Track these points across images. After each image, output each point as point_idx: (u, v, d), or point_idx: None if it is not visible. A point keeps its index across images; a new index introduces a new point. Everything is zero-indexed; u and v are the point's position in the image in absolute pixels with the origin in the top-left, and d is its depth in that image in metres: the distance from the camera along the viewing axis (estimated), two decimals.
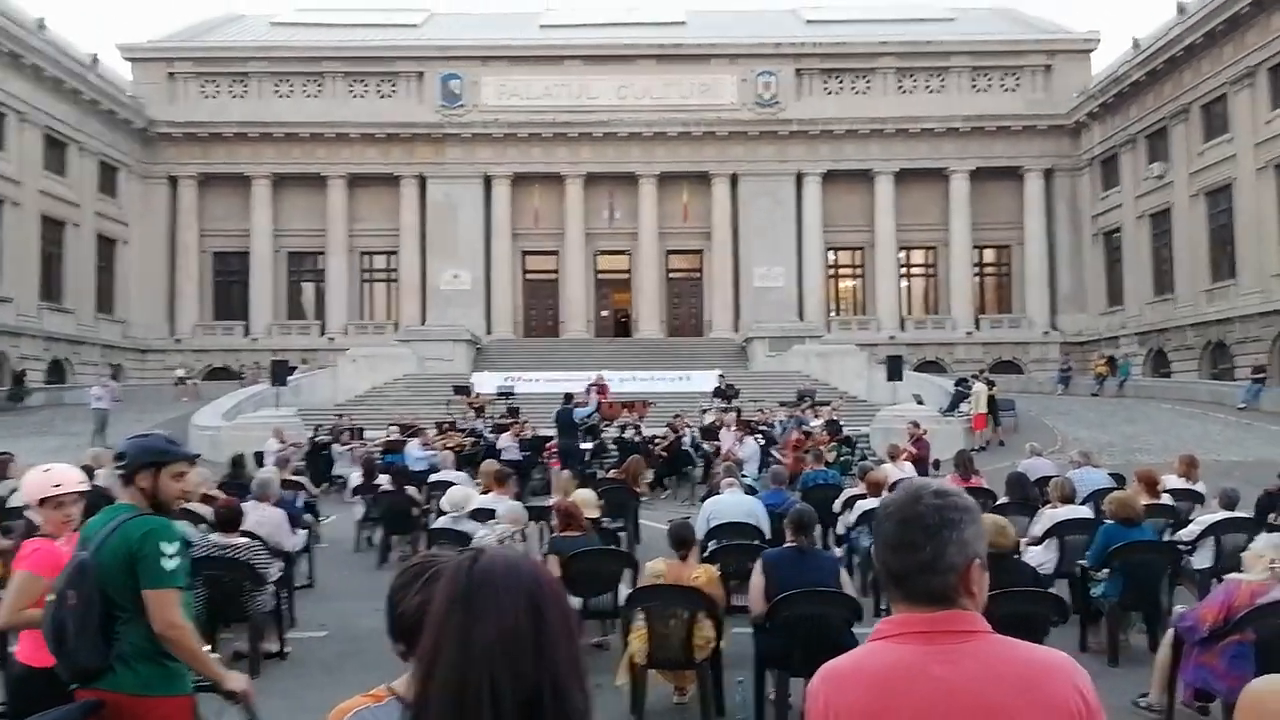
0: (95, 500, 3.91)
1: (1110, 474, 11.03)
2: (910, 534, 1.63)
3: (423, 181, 37.88)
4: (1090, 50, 38.12)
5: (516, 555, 1.49)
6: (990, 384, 23.03)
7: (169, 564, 3.01)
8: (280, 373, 24.09)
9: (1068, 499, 8.21)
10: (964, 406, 22.98)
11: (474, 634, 1.35)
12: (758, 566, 5.70)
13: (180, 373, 32.12)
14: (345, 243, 37.94)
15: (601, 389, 20.81)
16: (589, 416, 17.49)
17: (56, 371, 31.97)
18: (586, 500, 8.72)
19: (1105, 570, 6.97)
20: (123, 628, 3.01)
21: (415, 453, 15.37)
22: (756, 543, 7.66)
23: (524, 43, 37.99)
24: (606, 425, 20.05)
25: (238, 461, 11.62)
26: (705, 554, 7.27)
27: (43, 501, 3.71)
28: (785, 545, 5.91)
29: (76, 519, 3.66)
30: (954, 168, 37.44)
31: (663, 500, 16.46)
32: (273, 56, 37.77)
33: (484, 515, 8.02)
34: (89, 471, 10.15)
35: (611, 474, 13.64)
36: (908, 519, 1.64)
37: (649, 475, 16.72)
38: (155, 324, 37.14)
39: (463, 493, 8.33)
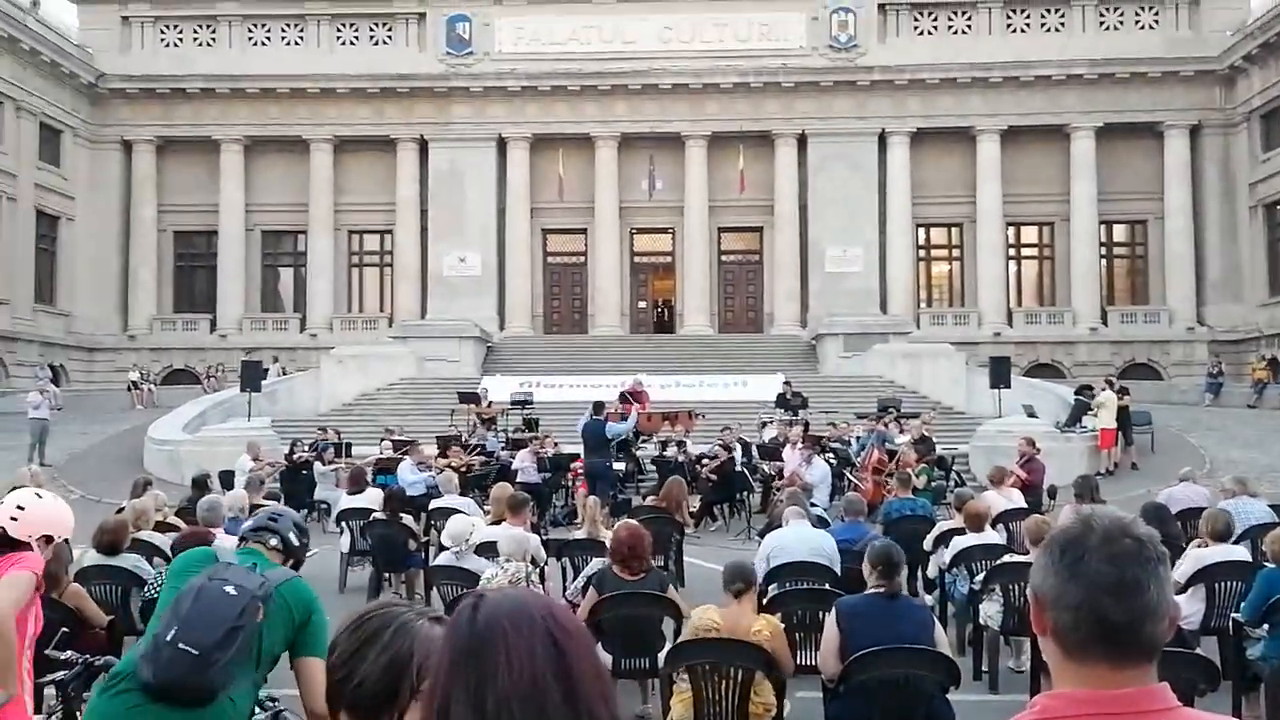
0: None
1: (1272, 506, 10.79)
2: (1133, 573, 1.61)
3: (424, 145, 38.23)
4: None
5: (522, 593, 1.51)
6: (1121, 392, 22.66)
7: (327, 637, 3.25)
8: (252, 376, 24.42)
9: (1221, 536, 8.03)
10: (1087, 420, 22.64)
11: (488, 695, 1.36)
12: (831, 617, 5.65)
13: (134, 376, 32.74)
14: (331, 220, 38.43)
15: (639, 397, 20.81)
16: (626, 433, 17.52)
17: None
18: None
19: (1265, 626, 6.80)
20: (242, 678, 3.33)
21: (407, 474, 15.48)
22: (828, 587, 7.60)
23: None
24: (644, 441, 20.05)
25: (201, 483, 11.80)
26: (764, 600, 7.22)
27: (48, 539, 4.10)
28: (865, 591, 5.85)
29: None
30: (1076, 124, 36.91)
31: (711, 533, 16.43)
32: None
33: (492, 550, 8.05)
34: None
35: (650, 501, 13.63)
36: (1122, 555, 1.62)
37: (694, 503, 16.71)
38: (105, 317, 37.93)
39: (463, 523, 8.36)
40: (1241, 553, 8.10)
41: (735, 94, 37.38)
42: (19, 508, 4.00)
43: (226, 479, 15.39)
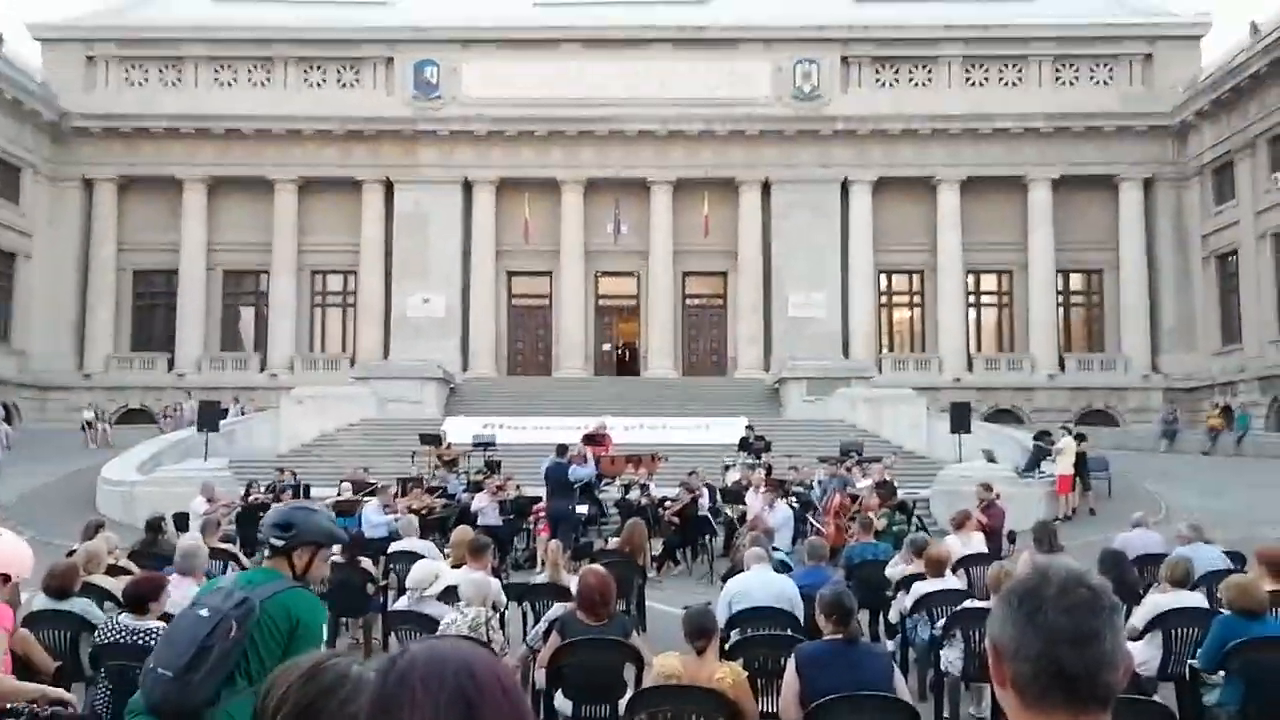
0: None
1: (1226, 552, 10.89)
2: (1089, 623, 1.63)
3: (389, 187, 38.24)
4: (1199, 36, 38.47)
5: (448, 645, 1.46)
6: (1078, 438, 22.87)
7: (318, 646, 3.48)
8: (209, 416, 24.12)
9: (1180, 583, 8.08)
10: (1046, 466, 22.82)
11: None
12: (791, 664, 5.63)
13: (88, 415, 32.21)
14: (294, 260, 38.23)
15: (603, 440, 20.74)
16: (589, 478, 17.44)
17: None
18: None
19: (1221, 673, 6.84)
20: (234, 693, 3.43)
21: (373, 516, 15.29)
22: (789, 633, 7.55)
23: (514, 23, 38.53)
24: (607, 484, 19.94)
25: (155, 525, 11.56)
26: (726, 646, 7.16)
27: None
28: (826, 638, 5.82)
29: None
30: (1034, 175, 37.62)
31: (674, 577, 16.31)
32: (212, 38, 38.39)
33: (455, 595, 7.95)
34: None
35: (613, 544, 13.54)
36: (1079, 605, 1.64)
37: (656, 546, 16.60)
38: (61, 356, 37.37)
39: (428, 569, 8.27)
40: (1198, 599, 8.15)
41: (701, 141, 37.77)
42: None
43: (181, 521, 15.12)
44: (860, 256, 37.88)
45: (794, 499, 17.52)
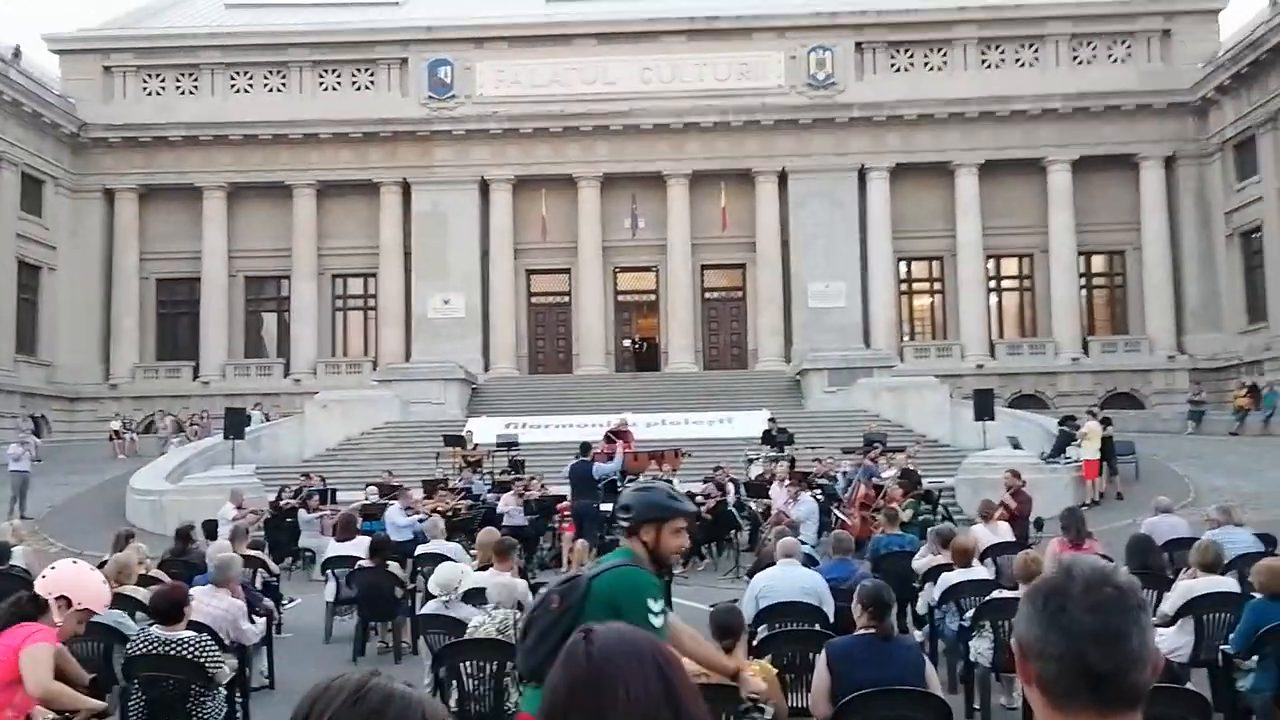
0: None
1: (1258, 534, 10.81)
2: (1116, 621, 1.63)
3: (407, 189, 38.37)
4: (1218, 10, 38.00)
5: (626, 626, 1.67)
6: (1104, 422, 22.74)
7: (655, 620, 3.63)
8: (236, 423, 24.31)
9: (1211, 568, 8.02)
10: (1071, 451, 22.69)
11: None
12: (821, 659, 5.62)
13: (116, 425, 32.51)
14: (314, 264, 38.44)
15: (625, 436, 20.76)
16: (615, 475, 17.50)
17: None
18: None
19: (1255, 658, 6.79)
20: None
21: (397, 519, 15.39)
22: (818, 628, 7.55)
23: (526, 20, 38.56)
24: (630, 480, 19.95)
25: (184, 534, 11.70)
26: (755, 642, 7.17)
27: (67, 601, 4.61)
28: (856, 632, 5.82)
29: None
30: (1053, 157, 37.33)
31: (699, 573, 16.34)
32: (228, 45, 38.61)
33: (482, 597, 7.99)
34: (4, 549, 10.26)
35: None
36: (1104, 604, 1.64)
37: None
38: (87, 366, 37.73)
39: (453, 571, 8.31)
40: (1230, 583, 8.09)
41: (716, 133, 37.68)
42: (51, 568, 4.30)
43: (210, 529, 15.25)
44: (879, 244, 37.72)
45: (818, 491, 17.55)
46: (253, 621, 8.59)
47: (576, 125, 37.57)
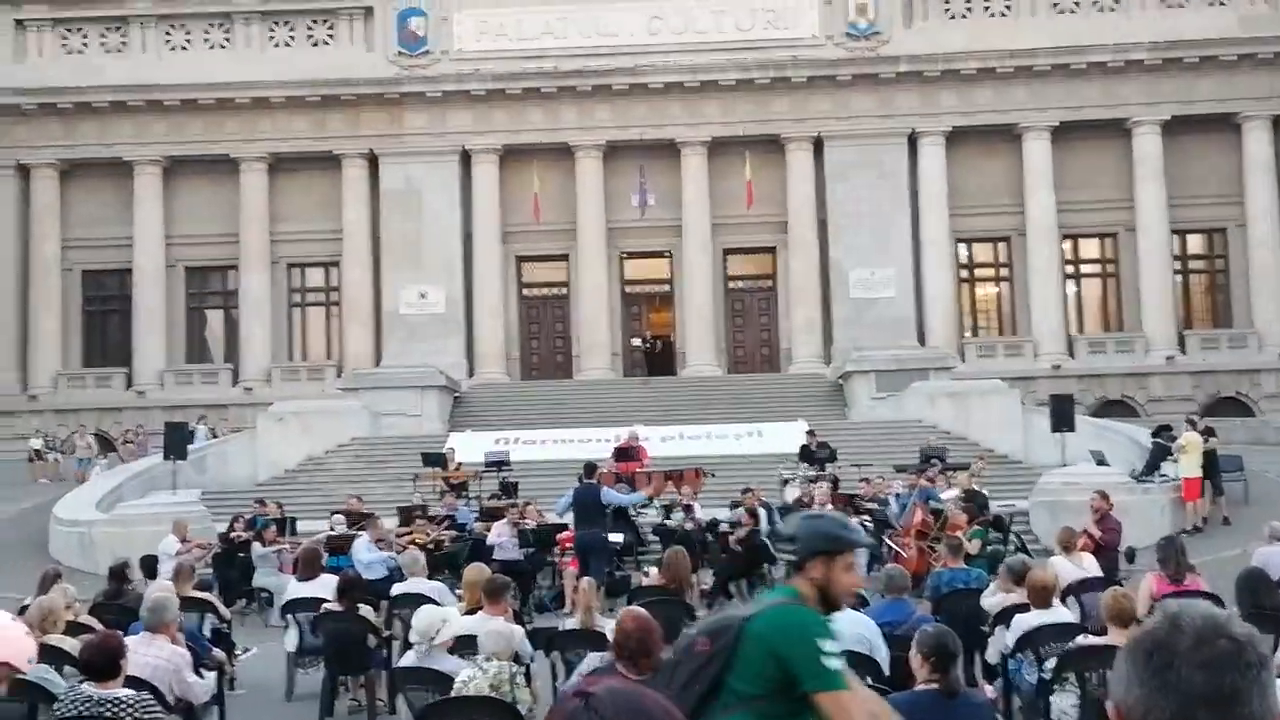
0: None
1: None
2: (1231, 681, 1.63)
3: (374, 162, 38.44)
4: None
5: (634, 688, 1.71)
6: (1206, 433, 22.62)
7: (833, 663, 3.71)
8: (177, 441, 24.39)
9: None
10: (1167, 467, 22.59)
11: None
12: None
13: (36, 443, 32.61)
14: (266, 252, 38.50)
15: (636, 453, 20.80)
16: (641, 505, 17.59)
17: None
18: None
19: None
20: (721, 711, 3.76)
21: (363, 554, 15.39)
22: (869, 682, 7.53)
23: None
24: (644, 506, 19.98)
25: (119, 573, 11.72)
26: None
27: None
28: (916, 688, 5.80)
29: None
30: (1138, 117, 37.22)
31: None
32: None
33: (471, 646, 7.99)
34: None
35: (652, 576, 13.55)
36: (1218, 660, 1.64)
37: (706, 579, 16.63)
38: (0, 373, 37.84)
39: (434, 615, 8.29)
40: None
41: (738, 92, 37.67)
42: None
43: (149, 566, 15.26)
44: (934, 223, 37.65)
45: (866, 517, 17.48)
46: (200, 675, 8.59)
47: (573, 85, 37.57)
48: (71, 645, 8.44)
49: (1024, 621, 8.91)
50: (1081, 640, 8.19)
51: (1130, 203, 37.62)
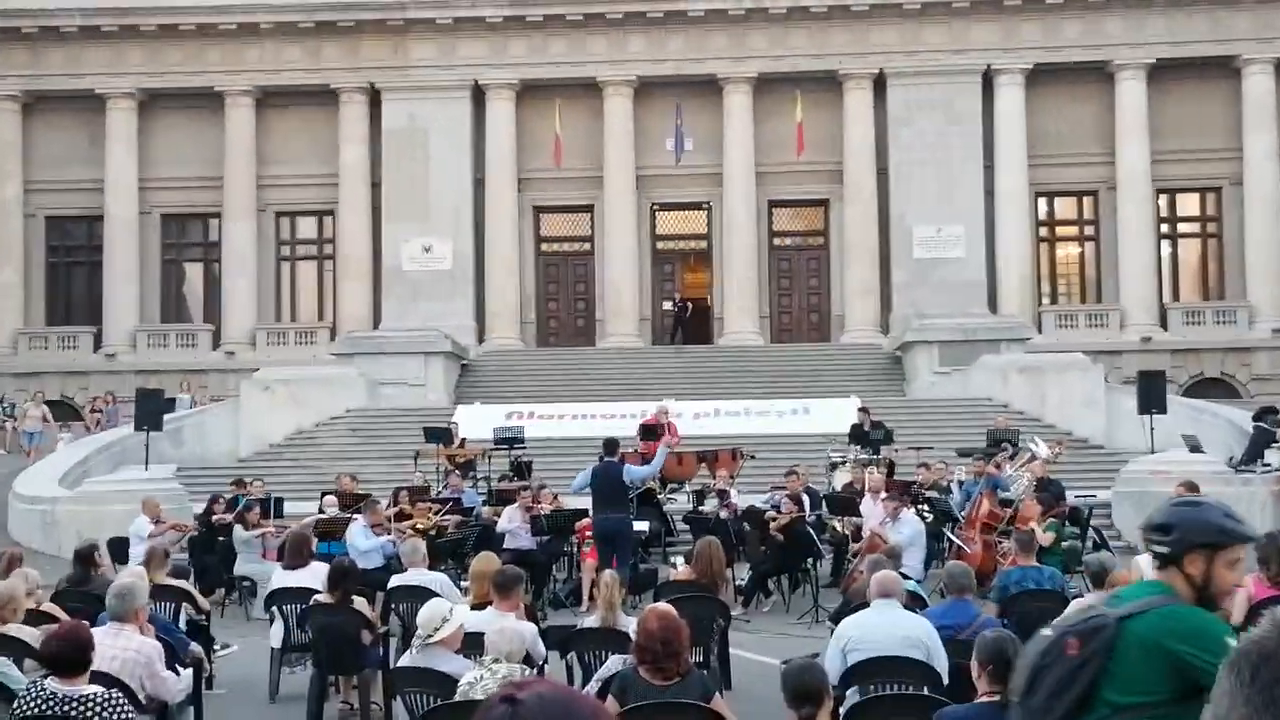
0: None
1: None
2: None
3: (375, 97, 38.47)
4: None
5: (567, 692, 1.67)
6: None
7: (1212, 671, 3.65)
8: (151, 410, 24.47)
9: None
10: (1271, 456, 22.49)
11: None
12: None
13: None
14: (252, 198, 38.68)
15: (665, 430, 20.79)
16: (649, 479, 17.53)
17: None
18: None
19: None
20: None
21: (359, 540, 15.48)
22: (926, 692, 7.57)
23: None
24: (673, 491, 20.00)
25: (86, 556, 11.82)
26: (843, 710, 7.20)
27: None
28: (976, 700, 5.83)
29: None
30: (1248, 55, 36.83)
31: (766, 614, 16.36)
32: None
33: (477, 645, 8.05)
34: None
35: (683, 570, 13.60)
36: None
37: (742, 573, 16.66)
38: None
39: (437, 609, 8.35)
40: None
41: (789, 22, 37.50)
42: None
43: (119, 550, 15.44)
44: (1010, 174, 37.45)
45: (926, 507, 17.45)
46: (175, 671, 8.68)
47: (602, 12, 37.45)
48: (32, 636, 8.54)
49: None
50: None
51: (1237, 152, 37.29)
